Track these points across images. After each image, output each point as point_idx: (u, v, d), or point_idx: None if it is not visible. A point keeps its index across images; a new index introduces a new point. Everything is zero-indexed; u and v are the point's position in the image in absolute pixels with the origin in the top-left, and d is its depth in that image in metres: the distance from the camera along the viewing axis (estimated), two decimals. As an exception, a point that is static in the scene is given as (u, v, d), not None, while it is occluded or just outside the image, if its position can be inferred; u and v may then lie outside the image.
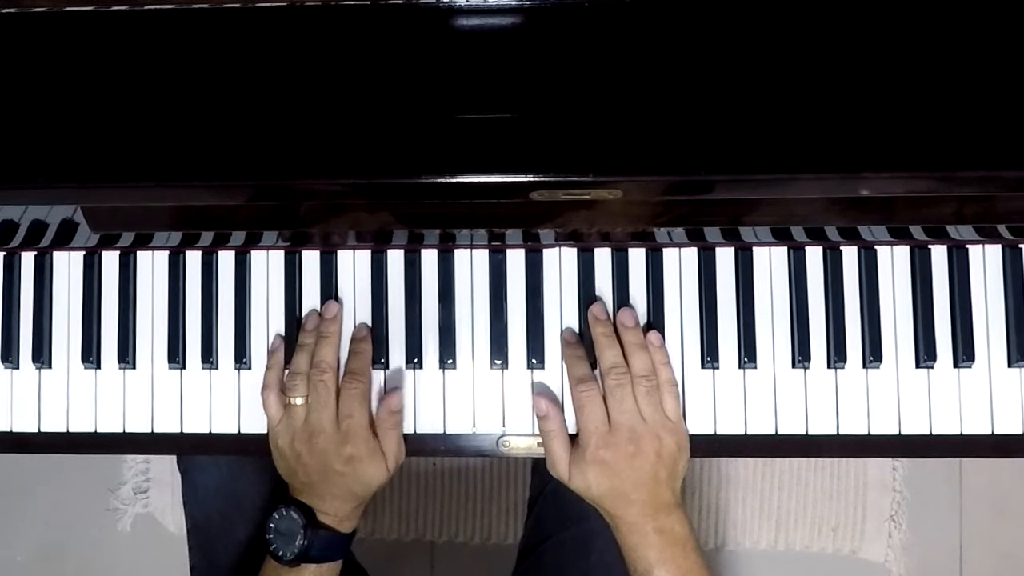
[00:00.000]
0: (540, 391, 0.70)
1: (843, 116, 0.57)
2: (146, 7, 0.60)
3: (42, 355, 0.73)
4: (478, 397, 0.71)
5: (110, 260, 0.73)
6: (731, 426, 0.70)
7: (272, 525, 0.67)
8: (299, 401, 0.68)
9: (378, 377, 0.71)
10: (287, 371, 0.70)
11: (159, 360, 0.73)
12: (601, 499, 0.66)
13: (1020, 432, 0.69)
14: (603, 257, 0.71)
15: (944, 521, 1.29)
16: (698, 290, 0.71)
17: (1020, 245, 0.70)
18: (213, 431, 0.72)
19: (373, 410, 0.70)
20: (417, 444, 0.71)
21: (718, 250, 0.70)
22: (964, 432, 0.69)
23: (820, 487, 1.28)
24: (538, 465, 0.89)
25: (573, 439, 0.68)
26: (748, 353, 0.70)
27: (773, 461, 1.28)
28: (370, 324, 0.72)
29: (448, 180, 0.57)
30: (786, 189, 0.61)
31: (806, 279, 0.70)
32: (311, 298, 0.72)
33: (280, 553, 0.66)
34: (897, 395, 0.69)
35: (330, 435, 0.67)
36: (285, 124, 0.59)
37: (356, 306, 0.72)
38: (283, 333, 0.72)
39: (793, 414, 0.70)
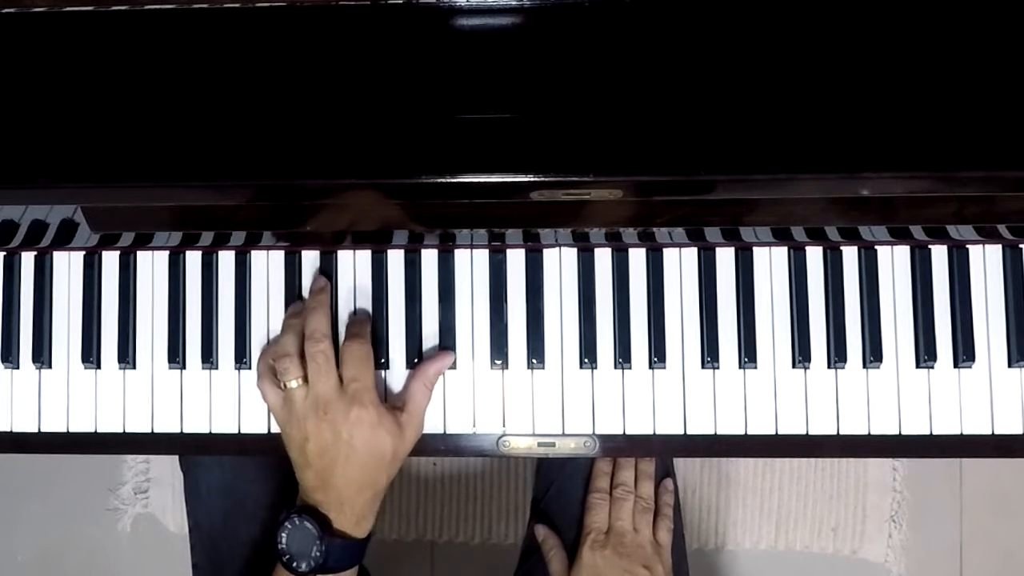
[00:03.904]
0: (537, 524, 0.83)
1: (843, 116, 0.57)
2: (146, 7, 0.60)
3: (42, 355, 0.73)
4: (478, 397, 0.71)
5: (110, 260, 0.73)
6: (731, 426, 0.70)
7: (284, 535, 0.63)
8: (295, 384, 0.65)
9: (378, 378, 0.71)
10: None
11: (159, 360, 0.73)
12: None
13: (1020, 432, 0.69)
14: (603, 257, 0.71)
15: (944, 521, 1.29)
16: (698, 290, 0.71)
17: (1020, 245, 0.70)
18: (213, 431, 0.72)
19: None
20: (418, 444, 0.71)
21: (718, 250, 0.70)
22: (964, 432, 0.69)
23: (820, 487, 1.28)
24: (541, 465, 0.90)
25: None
26: (748, 353, 0.70)
27: (773, 461, 1.28)
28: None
29: (448, 180, 0.57)
30: (786, 189, 0.61)
31: (806, 279, 0.70)
32: (311, 298, 0.72)
33: (295, 565, 0.63)
34: (897, 395, 0.69)
35: (336, 403, 0.64)
36: (286, 124, 0.59)
37: (356, 306, 0.72)
38: (283, 333, 0.72)
39: (793, 414, 0.70)
